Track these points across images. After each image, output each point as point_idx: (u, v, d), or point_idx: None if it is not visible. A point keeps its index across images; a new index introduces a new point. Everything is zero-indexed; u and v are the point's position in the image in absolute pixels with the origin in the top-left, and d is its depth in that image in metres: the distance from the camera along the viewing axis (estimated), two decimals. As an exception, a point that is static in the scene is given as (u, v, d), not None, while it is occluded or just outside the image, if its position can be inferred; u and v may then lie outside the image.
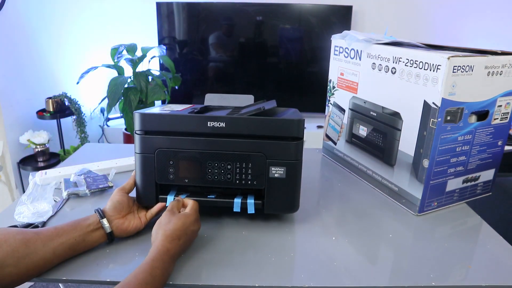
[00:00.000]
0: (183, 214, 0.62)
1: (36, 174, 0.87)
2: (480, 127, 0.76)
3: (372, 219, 0.77)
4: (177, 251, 0.58)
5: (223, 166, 0.66)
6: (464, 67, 0.68)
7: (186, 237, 0.60)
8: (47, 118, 2.18)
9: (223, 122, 0.64)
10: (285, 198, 0.69)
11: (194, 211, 0.64)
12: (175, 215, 0.61)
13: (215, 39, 2.48)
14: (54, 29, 2.30)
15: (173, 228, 0.59)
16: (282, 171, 0.66)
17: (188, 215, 0.62)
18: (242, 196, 0.70)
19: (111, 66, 2.16)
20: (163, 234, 0.58)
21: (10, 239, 0.53)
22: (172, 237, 0.58)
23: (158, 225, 0.61)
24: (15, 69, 2.09)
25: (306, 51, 2.55)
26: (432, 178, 0.75)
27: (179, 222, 0.60)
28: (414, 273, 0.60)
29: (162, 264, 0.54)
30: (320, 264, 0.62)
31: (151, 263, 0.53)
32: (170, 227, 0.59)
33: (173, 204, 0.65)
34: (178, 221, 0.60)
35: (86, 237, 0.60)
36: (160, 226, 0.60)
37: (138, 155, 0.67)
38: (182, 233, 0.59)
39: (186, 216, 0.62)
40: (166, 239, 0.57)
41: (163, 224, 0.60)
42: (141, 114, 0.66)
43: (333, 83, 1.01)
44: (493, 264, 0.63)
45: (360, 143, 0.94)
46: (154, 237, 0.59)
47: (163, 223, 0.60)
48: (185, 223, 0.60)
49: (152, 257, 0.54)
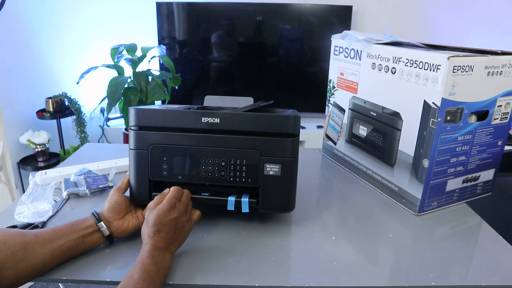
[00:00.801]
0: (157, 207, 0.61)
1: (36, 174, 0.87)
2: (480, 127, 0.76)
3: (372, 219, 0.77)
4: (165, 242, 0.58)
5: (217, 162, 0.66)
6: (464, 67, 0.68)
7: (166, 228, 0.59)
8: (47, 118, 2.18)
9: (218, 117, 0.64)
10: (280, 197, 0.68)
11: (168, 200, 0.61)
12: (151, 211, 0.60)
13: (215, 39, 2.49)
14: (54, 29, 2.30)
15: (151, 224, 0.58)
16: (277, 169, 0.66)
17: (161, 205, 0.61)
18: (237, 194, 0.69)
19: (111, 66, 2.16)
20: (146, 232, 0.58)
21: (9, 242, 0.53)
22: (152, 233, 0.58)
23: (143, 223, 0.61)
24: (15, 69, 2.09)
25: (306, 51, 2.55)
26: (432, 178, 0.75)
27: (153, 217, 0.59)
28: (414, 273, 0.60)
29: (153, 259, 0.54)
30: (320, 264, 0.62)
31: (142, 261, 0.53)
32: (149, 224, 0.59)
33: (152, 201, 0.63)
34: (153, 216, 0.59)
35: (84, 239, 0.60)
36: (143, 225, 0.60)
37: (132, 151, 0.67)
38: (160, 225, 0.58)
39: (158, 208, 0.60)
40: (148, 236, 0.58)
41: (144, 223, 0.60)
42: (136, 110, 0.66)
43: (333, 83, 1.01)
44: (493, 264, 0.63)
45: (360, 143, 0.94)
46: (142, 235, 0.60)
47: (144, 222, 0.61)
48: (159, 215, 0.59)
49: (143, 255, 0.54)
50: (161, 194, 0.65)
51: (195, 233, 0.68)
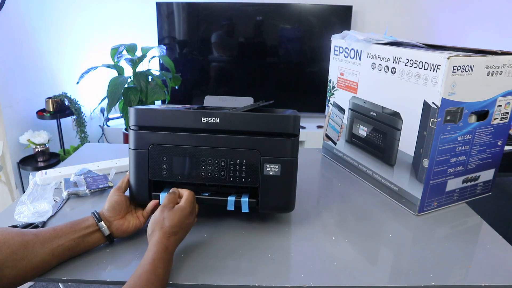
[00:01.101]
0: (178, 208, 0.61)
1: (36, 174, 0.87)
2: (480, 127, 0.76)
3: (372, 219, 0.77)
4: (175, 245, 0.58)
5: (217, 162, 0.66)
6: (464, 67, 0.68)
7: (182, 231, 0.60)
8: (47, 118, 2.18)
9: (218, 117, 0.64)
10: (280, 197, 0.68)
11: (189, 203, 0.63)
12: (171, 210, 0.60)
13: (215, 39, 2.48)
14: (54, 29, 2.30)
15: (169, 224, 0.58)
16: (277, 169, 0.66)
17: (183, 208, 0.61)
18: (237, 194, 0.69)
19: (111, 66, 2.16)
20: (160, 231, 0.57)
21: (9, 241, 0.53)
22: (169, 234, 0.57)
23: (153, 221, 0.60)
24: (15, 69, 2.09)
25: (306, 51, 2.55)
26: (432, 178, 0.75)
27: (175, 218, 0.59)
28: (414, 273, 0.60)
29: (163, 263, 0.54)
30: (320, 264, 0.62)
31: (153, 262, 0.52)
32: (166, 224, 0.58)
33: (168, 198, 0.63)
34: (174, 216, 0.59)
35: (85, 238, 0.60)
36: (156, 222, 0.59)
37: (131, 151, 0.67)
38: (178, 228, 0.59)
39: (181, 210, 0.61)
40: (163, 236, 0.57)
41: (158, 221, 0.59)
42: (135, 109, 0.66)
43: (333, 83, 1.01)
44: (493, 264, 0.63)
45: (360, 143, 0.94)
46: (150, 234, 0.58)
47: (159, 219, 0.59)
48: (181, 218, 0.60)
49: (153, 257, 0.53)
50: (173, 194, 0.64)
51: (195, 233, 0.68)
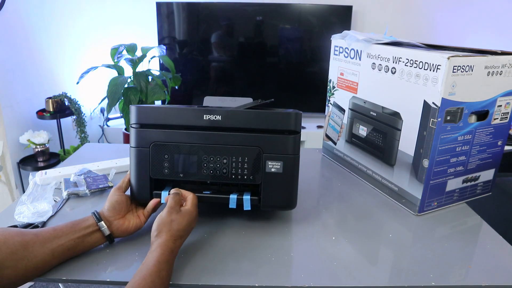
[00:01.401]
0: (186, 212, 0.61)
1: (36, 174, 0.87)
2: (480, 127, 0.76)
3: (372, 219, 0.77)
4: (178, 249, 0.59)
5: (218, 160, 0.66)
6: (464, 67, 0.68)
7: (187, 235, 0.61)
8: (47, 118, 2.18)
9: (219, 115, 0.64)
10: (282, 194, 0.68)
11: (195, 207, 0.63)
12: (179, 213, 0.60)
13: (215, 39, 2.48)
14: (54, 29, 2.30)
15: (178, 228, 0.58)
16: (279, 166, 0.65)
17: (191, 212, 0.61)
18: (238, 193, 0.69)
19: (111, 66, 2.16)
20: (168, 233, 0.57)
21: (9, 241, 0.53)
22: (176, 237, 0.57)
23: (160, 222, 0.58)
24: (15, 69, 2.09)
25: (306, 51, 2.55)
26: (432, 178, 0.75)
27: (183, 222, 0.59)
28: (414, 273, 0.60)
29: (168, 266, 0.54)
30: (320, 264, 0.62)
31: (158, 265, 0.52)
32: (174, 227, 0.58)
33: (174, 199, 0.62)
34: (183, 220, 0.59)
35: (85, 238, 0.60)
36: (164, 224, 0.58)
37: (133, 149, 0.67)
38: (185, 232, 0.60)
39: (189, 214, 0.61)
40: (170, 238, 0.56)
41: (166, 223, 0.58)
42: (137, 107, 0.66)
43: (333, 83, 1.01)
44: (493, 264, 0.63)
45: (360, 143, 0.94)
46: (156, 235, 0.57)
47: (166, 221, 0.58)
48: (189, 222, 0.60)
49: (158, 259, 0.53)
50: (178, 195, 0.64)
51: (196, 233, 0.68)
